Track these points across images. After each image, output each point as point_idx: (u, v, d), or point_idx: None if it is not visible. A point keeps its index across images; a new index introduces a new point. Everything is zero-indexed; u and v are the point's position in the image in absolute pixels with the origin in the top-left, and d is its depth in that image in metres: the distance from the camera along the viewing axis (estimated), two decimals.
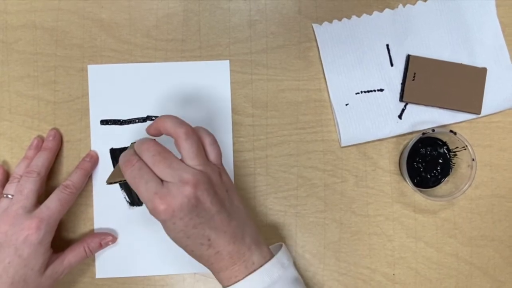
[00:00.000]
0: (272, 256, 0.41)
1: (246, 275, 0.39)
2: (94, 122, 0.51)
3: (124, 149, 0.51)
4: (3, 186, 0.49)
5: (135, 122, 0.51)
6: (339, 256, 0.52)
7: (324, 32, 0.52)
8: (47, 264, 0.45)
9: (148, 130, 0.42)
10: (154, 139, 0.40)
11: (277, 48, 0.53)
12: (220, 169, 0.41)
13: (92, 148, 0.51)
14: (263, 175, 0.52)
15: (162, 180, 0.38)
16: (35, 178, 0.46)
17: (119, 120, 0.51)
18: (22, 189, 0.46)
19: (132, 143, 0.44)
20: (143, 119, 0.51)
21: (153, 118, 0.51)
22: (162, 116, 0.40)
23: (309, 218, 0.52)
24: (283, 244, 0.44)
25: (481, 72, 0.52)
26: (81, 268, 0.51)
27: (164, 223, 0.38)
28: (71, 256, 0.47)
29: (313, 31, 0.53)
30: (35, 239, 0.43)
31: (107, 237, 0.50)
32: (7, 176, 0.50)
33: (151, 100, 0.52)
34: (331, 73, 0.52)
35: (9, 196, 0.46)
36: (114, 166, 0.51)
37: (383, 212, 0.52)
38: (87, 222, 0.51)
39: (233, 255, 0.40)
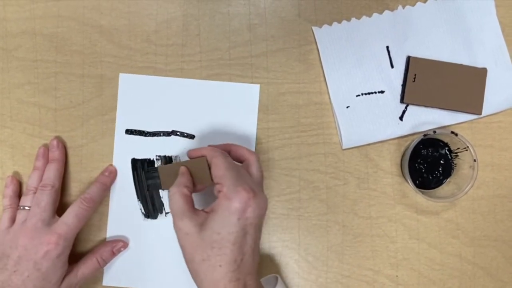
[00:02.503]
0: None
1: None
2: (119, 130, 0.51)
3: (145, 160, 0.51)
4: (19, 196, 0.50)
5: (160, 135, 0.51)
6: (342, 259, 0.52)
7: (324, 34, 0.52)
8: (64, 277, 0.46)
9: (232, 148, 0.46)
10: None
11: (277, 52, 0.53)
12: None
13: (114, 156, 0.51)
14: (265, 178, 0.52)
15: None
16: (49, 190, 0.47)
17: (143, 131, 0.51)
18: (39, 202, 0.46)
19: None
20: (168, 133, 0.51)
21: (178, 133, 0.51)
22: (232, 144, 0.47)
23: (311, 220, 0.52)
24: (278, 277, 0.44)
25: (482, 73, 0.52)
26: None
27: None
28: (84, 268, 0.48)
29: (313, 34, 0.53)
30: (54, 254, 0.44)
31: (118, 244, 0.50)
32: (20, 186, 0.51)
33: (177, 115, 0.52)
34: (331, 76, 0.52)
35: (26, 207, 0.47)
36: (133, 175, 0.51)
37: (386, 213, 0.52)
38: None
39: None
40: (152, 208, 0.51)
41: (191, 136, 0.51)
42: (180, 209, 0.41)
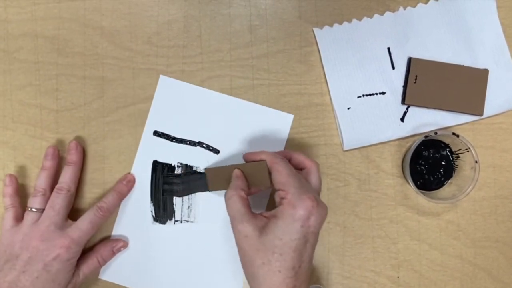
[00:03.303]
0: None
1: None
2: (148, 130, 0.52)
3: (166, 165, 0.51)
4: (18, 194, 0.49)
5: (186, 144, 0.51)
6: (343, 260, 0.52)
7: (325, 36, 0.52)
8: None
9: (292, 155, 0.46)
10: None
11: (278, 53, 0.53)
12: None
13: (138, 154, 0.51)
14: None
15: None
16: (65, 194, 0.47)
17: (171, 136, 0.51)
18: (53, 205, 0.47)
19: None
20: (194, 143, 0.51)
21: (204, 145, 0.51)
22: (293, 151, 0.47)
23: None
24: None
25: (483, 74, 0.52)
26: None
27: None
28: (85, 268, 0.48)
29: (314, 35, 0.53)
30: (65, 257, 0.44)
31: (119, 243, 0.50)
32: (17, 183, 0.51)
33: (206, 128, 0.52)
34: (332, 77, 0.52)
35: (34, 209, 0.47)
36: (152, 177, 0.52)
37: (387, 215, 0.52)
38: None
39: None
40: (162, 213, 0.52)
41: (216, 151, 0.52)
42: (240, 212, 0.41)
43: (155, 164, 0.52)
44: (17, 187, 0.50)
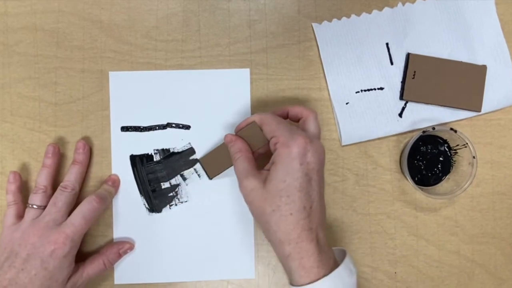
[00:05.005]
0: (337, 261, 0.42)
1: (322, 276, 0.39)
2: (115, 128, 0.52)
3: (144, 155, 0.51)
4: (21, 191, 0.49)
5: (155, 129, 0.51)
6: None
7: (324, 31, 0.52)
8: (69, 277, 0.46)
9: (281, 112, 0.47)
10: None
11: (277, 48, 0.53)
12: None
13: (113, 154, 0.51)
14: None
15: None
16: (69, 193, 0.47)
17: (139, 127, 0.51)
18: (56, 201, 0.47)
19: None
20: (163, 126, 0.51)
21: (173, 125, 0.51)
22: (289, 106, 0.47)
23: None
24: (346, 251, 0.44)
25: (481, 70, 0.52)
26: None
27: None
28: (90, 269, 0.48)
29: (313, 30, 0.53)
30: (61, 253, 0.44)
31: (125, 245, 0.50)
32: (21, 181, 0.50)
33: (171, 107, 0.52)
34: (331, 72, 0.52)
35: (34, 206, 0.47)
36: (134, 172, 0.51)
37: (384, 210, 0.52)
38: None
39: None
40: (155, 202, 0.52)
41: (187, 127, 0.52)
42: (245, 169, 0.43)
43: (133, 158, 0.52)
44: (20, 185, 0.50)
